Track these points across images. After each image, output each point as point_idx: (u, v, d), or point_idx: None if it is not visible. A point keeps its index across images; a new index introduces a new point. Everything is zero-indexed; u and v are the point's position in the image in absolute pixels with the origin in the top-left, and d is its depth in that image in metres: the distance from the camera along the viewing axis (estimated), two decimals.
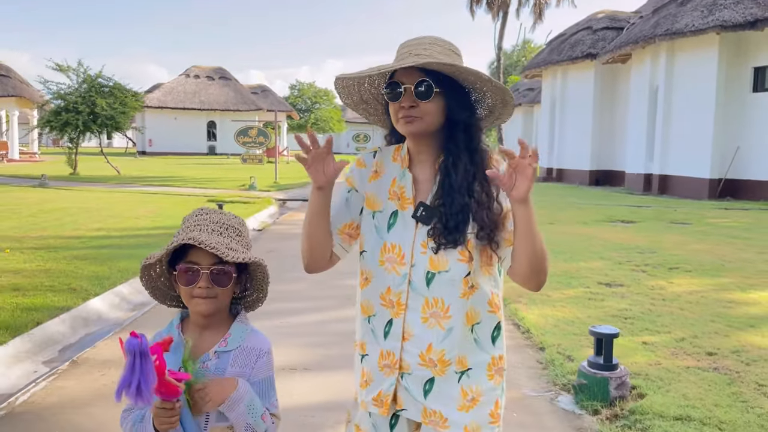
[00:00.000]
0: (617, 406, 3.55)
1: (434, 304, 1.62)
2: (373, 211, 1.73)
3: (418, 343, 1.63)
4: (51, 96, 22.54)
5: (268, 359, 1.63)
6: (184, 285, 1.57)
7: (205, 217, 1.62)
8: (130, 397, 1.37)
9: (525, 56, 60.88)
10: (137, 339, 1.37)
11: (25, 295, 5.76)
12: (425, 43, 1.64)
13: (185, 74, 51.41)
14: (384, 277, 1.67)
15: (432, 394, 1.64)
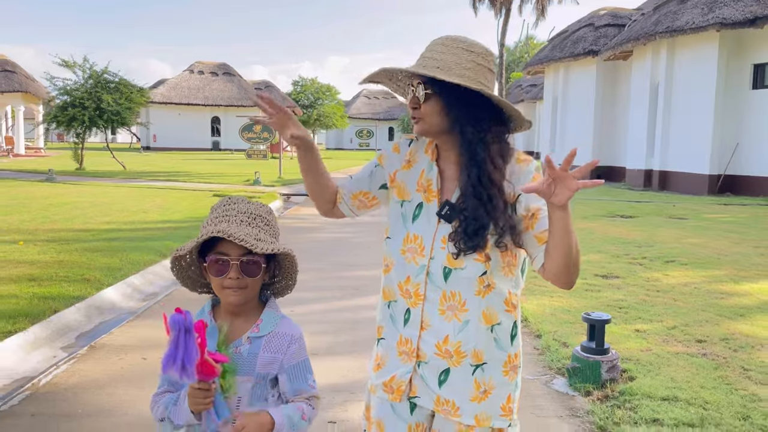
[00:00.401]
0: (608, 387, 3.75)
1: (451, 297, 1.66)
2: (401, 200, 1.77)
3: (435, 333, 1.66)
4: (57, 92, 22.72)
5: (300, 344, 1.66)
6: (215, 276, 1.59)
7: (233, 207, 1.64)
8: (176, 371, 1.39)
9: (528, 52, 60.90)
10: (182, 315, 1.39)
11: (41, 285, 5.97)
12: (437, 44, 1.68)
13: (189, 70, 51.61)
14: (404, 266, 1.71)
15: (446, 384, 1.67)
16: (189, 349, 1.39)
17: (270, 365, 1.61)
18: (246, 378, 1.59)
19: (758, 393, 3.66)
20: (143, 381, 3.92)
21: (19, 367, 4.32)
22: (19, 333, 4.71)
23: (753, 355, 4.34)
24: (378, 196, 1.85)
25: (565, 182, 1.44)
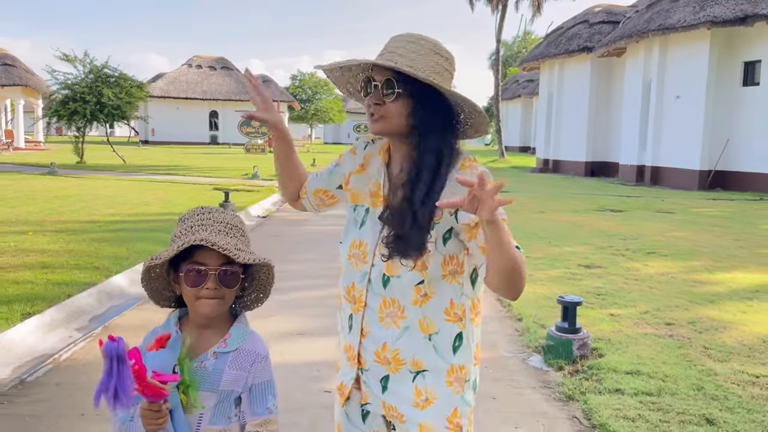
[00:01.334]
0: (579, 363, 4.12)
1: (391, 304, 1.63)
2: (354, 205, 1.75)
3: (374, 340, 1.65)
4: (59, 86, 23.00)
5: (265, 364, 1.61)
6: (191, 286, 1.53)
7: (209, 216, 1.59)
8: (108, 402, 1.34)
9: (526, 47, 61.16)
10: (114, 342, 1.34)
11: (53, 271, 6.32)
12: (406, 40, 1.60)
13: (187, 64, 51.83)
14: (350, 272, 1.70)
15: (388, 390, 1.65)
16: (122, 378, 1.34)
17: (234, 383, 1.56)
18: (209, 394, 1.54)
19: (714, 368, 4.03)
20: None
21: (39, 345, 4.67)
22: (37, 315, 5.06)
23: (715, 336, 4.72)
24: (336, 195, 1.87)
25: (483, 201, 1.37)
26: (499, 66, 32.75)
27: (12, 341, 4.60)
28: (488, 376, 3.99)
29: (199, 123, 50.77)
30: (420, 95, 1.57)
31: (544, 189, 18.12)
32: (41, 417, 3.41)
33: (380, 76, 1.59)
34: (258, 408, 1.57)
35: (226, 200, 11.87)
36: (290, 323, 4.97)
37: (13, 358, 4.39)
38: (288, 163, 1.87)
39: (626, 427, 3.19)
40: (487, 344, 4.57)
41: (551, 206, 13.59)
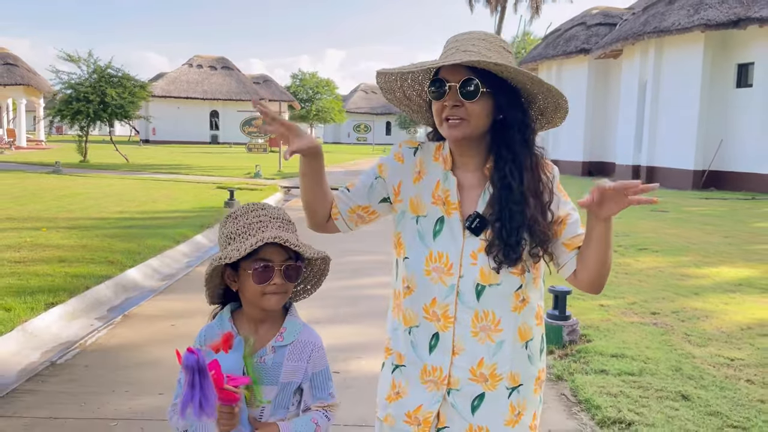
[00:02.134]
0: (568, 347, 4.44)
1: (484, 317, 1.56)
2: (416, 216, 1.64)
3: (468, 357, 1.57)
4: (62, 86, 23.29)
5: (321, 353, 1.65)
6: (259, 283, 1.55)
7: (264, 213, 1.60)
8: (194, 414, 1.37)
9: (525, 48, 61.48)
10: (195, 355, 1.37)
11: (70, 265, 6.63)
12: (474, 38, 1.55)
13: (188, 64, 52.11)
14: (430, 288, 1.59)
15: (480, 410, 1.58)
16: (205, 390, 1.37)
17: (293, 374, 1.60)
18: (270, 387, 1.58)
19: (693, 352, 4.35)
20: (175, 343, 4.59)
21: (62, 332, 4.98)
22: (60, 305, 5.37)
23: (697, 324, 5.04)
24: (378, 210, 1.72)
25: (616, 198, 1.42)
26: None
27: (38, 328, 4.91)
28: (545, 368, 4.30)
29: (199, 122, 51.07)
30: (501, 93, 1.53)
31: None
32: (74, 394, 3.72)
33: (455, 77, 1.51)
34: (321, 394, 1.63)
35: (231, 198, 12.19)
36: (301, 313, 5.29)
37: (41, 343, 4.71)
38: (320, 185, 1.65)
39: (608, 402, 3.51)
40: None
41: None
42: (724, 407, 3.46)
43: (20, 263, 6.63)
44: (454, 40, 1.57)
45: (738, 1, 17.73)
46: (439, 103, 1.54)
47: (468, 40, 1.53)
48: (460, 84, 1.49)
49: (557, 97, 1.57)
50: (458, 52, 1.51)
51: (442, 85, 1.51)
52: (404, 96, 1.71)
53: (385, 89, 1.69)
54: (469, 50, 1.50)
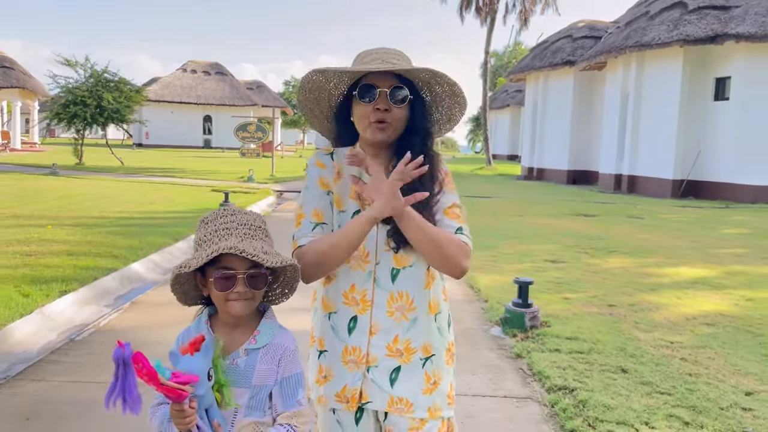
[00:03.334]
0: (529, 332, 5.00)
1: (399, 298, 1.71)
2: (339, 210, 1.77)
3: (384, 336, 1.71)
4: (60, 90, 23.73)
5: (294, 356, 1.63)
6: (220, 290, 1.57)
7: (232, 219, 1.61)
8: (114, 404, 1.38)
9: (516, 58, 62.41)
10: (121, 348, 1.37)
11: (78, 258, 7.14)
12: (392, 53, 1.71)
13: (182, 69, 52.61)
14: (349, 275, 1.72)
15: (398, 381, 1.72)
16: (128, 382, 1.37)
17: (266, 377, 1.60)
18: (243, 390, 1.58)
19: (639, 336, 4.93)
20: (182, 325, 5.11)
21: (76, 317, 5.50)
22: (72, 293, 5.88)
23: (648, 315, 5.62)
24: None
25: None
26: (487, 77, 33.80)
27: (54, 312, 5.43)
28: (459, 342, 4.86)
29: (193, 127, 51.52)
30: (418, 101, 1.73)
31: (525, 195, 19.07)
32: (93, 364, 4.25)
33: (384, 83, 1.66)
34: (289, 401, 1.60)
35: (226, 201, 12.71)
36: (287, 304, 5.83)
37: (57, 325, 5.23)
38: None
39: (557, 374, 4.07)
40: (457, 320, 5.44)
41: (529, 210, 14.52)
42: (655, 378, 4.03)
43: (31, 256, 7.13)
44: (371, 53, 1.72)
45: (716, 18, 18.48)
46: (367, 107, 1.67)
47: (388, 54, 1.70)
48: (391, 90, 1.66)
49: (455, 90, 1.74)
50: (384, 62, 1.66)
51: (373, 90, 1.66)
52: (316, 99, 1.81)
53: (307, 88, 1.78)
54: (391, 62, 1.66)
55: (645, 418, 3.43)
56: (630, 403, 3.63)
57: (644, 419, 3.41)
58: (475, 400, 3.77)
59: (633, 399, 3.69)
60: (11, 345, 4.69)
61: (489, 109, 50.81)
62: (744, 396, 3.80)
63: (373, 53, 1.71)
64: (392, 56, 1.69)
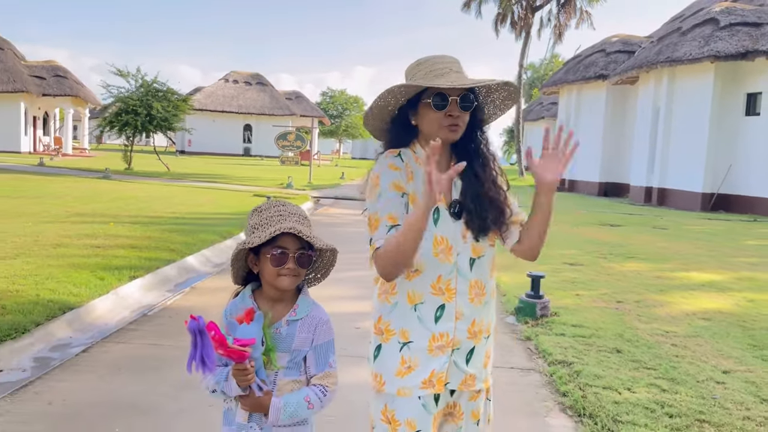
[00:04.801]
0: (539, 320, 5.65)
1: (476, 285, 1.90)
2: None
3: (467, 320, 1.89)
4: (113, 99, 25.12)
5: (328, 327, 1.91)
6: (275, 266, 1.81)
7: (285, 208, 1.88)
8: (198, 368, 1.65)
9: (552, 70, 62.64)
10: (195, 321, 1.62)
11: (140, 251, 8.02)
12: (455, 61, 1.93)
13: (224, 79, 54.35)
14: (436, 267, 1.86)
15: (471, 361, 1.91)
16: (206, 347, 1.64)
17: (303, 343, 1.87)
18: (283, 354, 1.84)
19: (638, 326, 5.53)
20: None
21: (143, 299, 6.34)
22: (138, 278, 6.73)
23: (651, 310, 6.20)
24: None
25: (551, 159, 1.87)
26: (521, 89, 34.29)
27: (125, 294, 6.28)
28: None
29: (233, 135, 53.14)
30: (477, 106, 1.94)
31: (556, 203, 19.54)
32: (165, 332, 5.06)
33: (455, 92, 1.84)
34: (321, 365, 1.88)
35: None
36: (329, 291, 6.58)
37: (128, 304, 6.07)
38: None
39: (559, 352, 4.72)
40: None
41: (556, 219, 14.91)
42: (644, 357, 4.64)
43: (100, 248, 8.04)
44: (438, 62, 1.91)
45: (747, 35, 18.76)
46: (440, 113, 1.85)
47: (453, 63, 1.92)
48: (461, 98, 1.84)
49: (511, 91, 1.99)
50: (452, 72, 1.88)
51: (446, 98, 1.84)
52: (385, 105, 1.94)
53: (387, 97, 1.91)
54: (460, 72, 1.89)
55: (628, 385, 4.06)
56: (618, 374, 4.26)
57: (627, 386, 4.04)
58: None
59: (621, 372, 4.32)
60: (94, 318, 5.54)
61: (524, 121, 51.24)
62: (721, 373, 4.38)
63: (438, 62, 1.90)
64: (456, 65, 1.91)
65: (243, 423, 1.85)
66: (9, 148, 35.88)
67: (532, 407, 3.89)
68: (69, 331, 5.12)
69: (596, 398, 3.83)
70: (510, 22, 33.07)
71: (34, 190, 15.28)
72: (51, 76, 38.75)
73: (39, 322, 4.98)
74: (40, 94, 37.54)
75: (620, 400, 3.79)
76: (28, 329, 4.81)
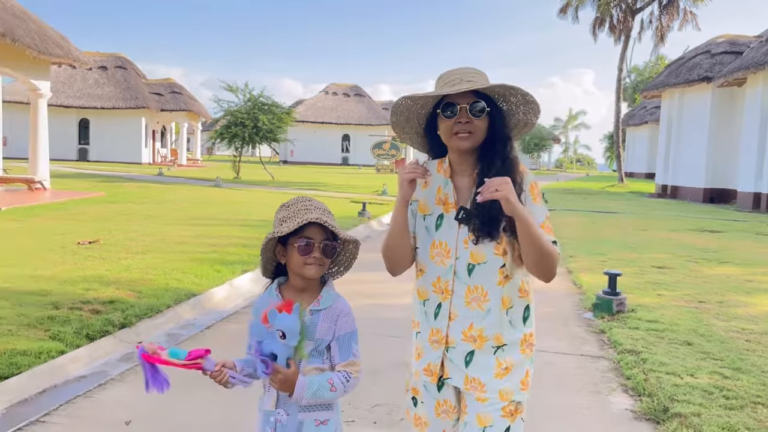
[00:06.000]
0: (616, 315, 5.93)
1: (474, 290, 1.94)
2: (424, 215, 2.04)
3: (461, 322, 1.96)
4: (223, 113, 27.02)
5: (350, 318, 1.97)
6: (302, 255, 1.90)
7: (310, 202, 1.97)
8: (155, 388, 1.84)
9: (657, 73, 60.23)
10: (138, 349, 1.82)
11: (251, 249, 8.91)
12: (471, 72, 1.94)
13: (324, 91, 56.51)
14: (435, 269, 2.00)
15: (472, 364, 1.96)
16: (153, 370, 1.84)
17: (326, 333, 1.94)
18: (308, 342, 1.91)
19: (715, 324, 5.68)
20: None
21: (255, 289, 7.14)
22: (249, 272, 7.59)
23: (732, 310, 6.29)
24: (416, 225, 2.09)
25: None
26: (620, 93, 33.48)
27: (238, 284, 7.14)
28: (553, 321, 5.91)
29: (332, 145, 55.09)
30: (496, 113, 1.95)
31: (654, 212, 19.11)
32: None
33: (464, 100, 1.89)
34: (344, 354, 1.95)
35: (364, 209, 14.38)
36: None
37: (241, 293, 6.91)
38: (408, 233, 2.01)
39: (629, 342, 5.02)
40: (555, 306, 6.47)
41: (653, 225, 14.82)
42: (714, 350, 4.86)
43: (216, 246, 9.04)
44: (453, 73, 1.96)
45: None
46: (450, 122, 1.92)
47: (467, 73, 1.93)
48: (470, 105, 1.89)
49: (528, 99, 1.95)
50: (463, 81, 1.90)
51: (454, 107, 1.90)
52: (407, 119, 2.07)
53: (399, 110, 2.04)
54: (471, 80, 1.90)
55: (692, 371, 4.33)
56: (684, 363, 4.53)
57: (690, 372, 4.32)
58: (557, 356, 4.84)
59: (687, 361, 4.58)
60: (213, 304, 6.42)
61: (626, 125, 49.63)
62: None
63: (454, 73, 1.95)
64: (470, 75, 1.93)
65: (270, 410, 1.96)
66: (131, 159, 39.25)
67: (597, 387, 4.26)
68: (194, 314, 6.00)
69: (657, 381, 4.15)
70: (608, 26, 32.39)
71: (156, 197, 16.92)
72: (168, 93, 41.94)
73: (169, 305, 5.88)
74: (159, 109, 40.75)
75: (680, 384, 4.09)
76: (161, 310, 5.72)
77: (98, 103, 38.86)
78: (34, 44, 14.97)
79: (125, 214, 12.57)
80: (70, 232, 9.71)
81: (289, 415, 1.93)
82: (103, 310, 5.47)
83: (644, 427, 3.63)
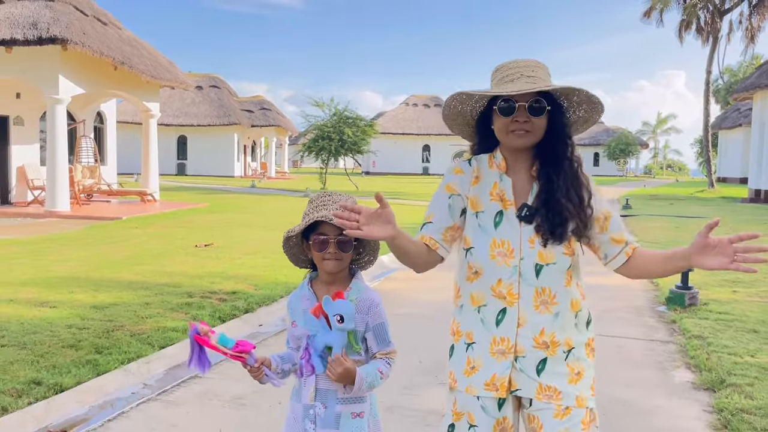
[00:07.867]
0: (688, 308, 6.33)
1: (542, 292, 1.85)
2: (475, 212, 1.93)
3: (531, 328, 1.86)
4: (310, 127, 28.43)
5: (380, 308, 2.01)
6: (317, 251, 1.97)
7: (328, 198, 2.01)
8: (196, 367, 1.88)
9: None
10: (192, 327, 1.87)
11: None
12: (531, 65, 1.87)
13: (405, 103, 57.73)
14: (495, 270, 1.87)
15: (545, 372, 1.86)
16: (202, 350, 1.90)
17: (359, 323, 1.97)
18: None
19: None
20: (416, 291, 7.34)
21: None
22: None
23: None
24: (460, 223, 1.96)
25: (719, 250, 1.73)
26: (708, 96, 32.50)
27: None
28: (627, 313, 6.39)
29: (413, 155, 56.15)
30: (556, 110, 1.87)
31: (741, 216, 18.69)
32: None
33: (523, 97, 1.81)
34: (382, 343, 2.01)
35: None
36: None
37: None
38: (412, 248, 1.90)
39: (697, 329, 5.46)
40: (630, 300, 6.92)
41: (739, 228, 14.62)
42: None
43: None
44: (510, 66, 1.88)
45: None
46: (507, 119, 1.83)
47: (527, 68, 1.86)
48: (529, 104, 1.81)
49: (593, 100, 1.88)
50: (524, 77, 1.83)
51: (512, 104, 1.82)
52: (459, 112, 2.01)
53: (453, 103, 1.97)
54: (531, 76, 1.83)
55: (753, 353, 4.75)
56: (746, 346, 4.95)
57: (751, 354, 4.74)
58: (628, 341, 5.35)
59: (751, 345, 4.99)
60: None
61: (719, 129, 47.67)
62: None
63: (512, 67, 1.87)
64: (530, 69, 1.85)
65: (309, 403, 1.99)
66: (225, 173, 41.67)
67: (662, 365, 4.76)
68: None
69: (718, 359, 4.61)
70: (695, 28, 31.58)
71: (253, 207, 18.28)
72: (257, 109, 44.24)
73: (282, 295, 6.79)
74: (249, 125, 43.04)
75: (739, 362, 4.54)
76: (275, 299, 6.64)
77: (195, 121, 41.54)
78: (147, 70, 16.66)
79: (229, 222, 13.84)
80: (186, 237, 10.96)
81: (326, 408, 1.98)
82: (228, 299, 6.45)
83: (701, 395, 4.13)
